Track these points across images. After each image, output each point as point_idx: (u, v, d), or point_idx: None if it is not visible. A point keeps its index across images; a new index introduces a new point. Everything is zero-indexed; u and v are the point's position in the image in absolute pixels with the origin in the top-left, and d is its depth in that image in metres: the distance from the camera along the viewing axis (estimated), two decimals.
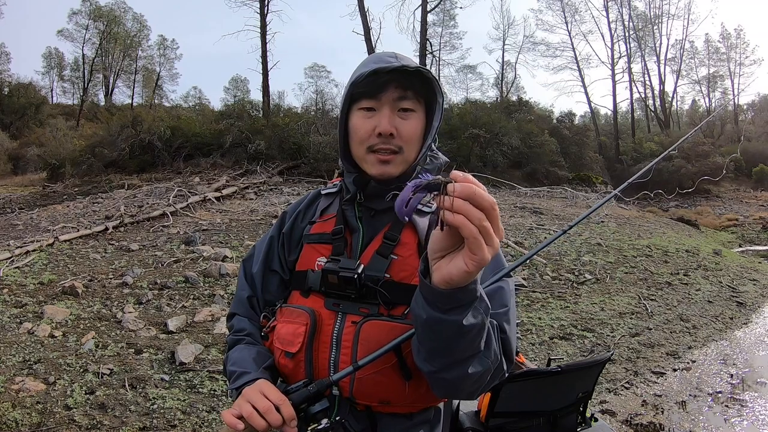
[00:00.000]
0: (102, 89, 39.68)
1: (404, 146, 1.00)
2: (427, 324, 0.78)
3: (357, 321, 0.96)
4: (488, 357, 0.84)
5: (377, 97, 0.98)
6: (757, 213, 17.94)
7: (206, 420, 2.91)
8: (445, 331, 0.77)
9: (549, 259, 7.13)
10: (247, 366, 1.01)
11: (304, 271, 1.05)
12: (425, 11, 23.29)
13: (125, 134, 15.86)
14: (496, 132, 18.21)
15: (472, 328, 0.77)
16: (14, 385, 3.05)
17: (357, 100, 1.01)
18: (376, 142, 0.99)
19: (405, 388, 0.95)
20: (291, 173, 14.65)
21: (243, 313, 1.14)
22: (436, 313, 0.76)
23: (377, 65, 0.97)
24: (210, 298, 4.94)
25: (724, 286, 6.73)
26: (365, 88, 0.98)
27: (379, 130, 0.97)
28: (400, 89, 0.98)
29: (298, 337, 0.99)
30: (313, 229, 1.08)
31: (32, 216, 10.03)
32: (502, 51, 37.14)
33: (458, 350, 0.80)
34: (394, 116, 0.99)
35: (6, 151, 24.55)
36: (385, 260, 0.98)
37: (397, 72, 0.97)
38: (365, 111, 1.00)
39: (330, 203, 1.12)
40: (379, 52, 1.07)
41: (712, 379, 3.98)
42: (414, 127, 1.00)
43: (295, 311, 1.03)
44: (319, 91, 39.51)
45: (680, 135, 28.81)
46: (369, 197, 1.04)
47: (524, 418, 1.90)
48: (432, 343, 0.81)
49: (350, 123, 1.03)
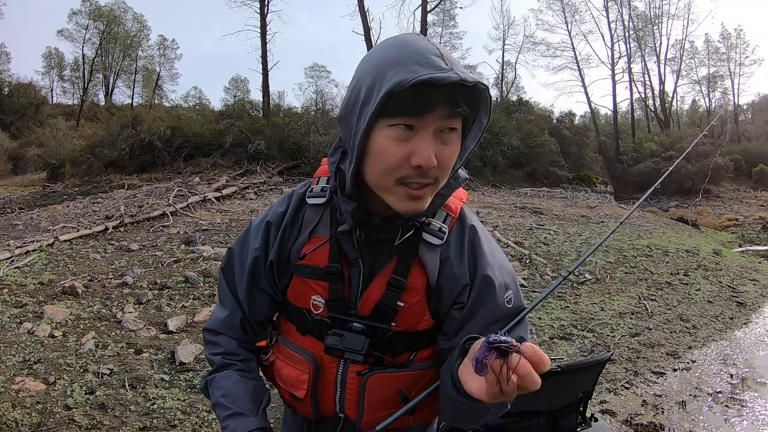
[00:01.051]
0: (102, 89, 39.69)
1: (441, 176, 0.80)
2: (450, 398, 0.79)
3: (361, 372, 0.91)
4: (501, 410, 0.85)
5: (421, 117, 0.74)
6: (757, 213, 17.93)
7: (206, 420, 2.91)
8: (464, 406, 0.78)
9: (549, 259, 7.13)
10: (244, 406, 0.92)
11: (299, 308, 0.95)
12: (425, 11, 23.28)
13: (125, 134, 15.83)
14: (496, 132, 18.19)
15: (488, 407, 0.79)
16: (14, 385, 3.05)
17: (389, 114, 0.75)
18: (410, 174, 0.77)
19: (410, 420, 0.96)
20: (291, 173, 14.64)
21: (233, 335, 1.00)
22: (457, 395, 0.76)
23: (427, 73, 0.71)
24: (210, 298, 4.94)
25: (724, 286, 6.73)
26: (406, 104, 0.73)
27: (420, 162, 0.75)
28: (449, 107, 0.75)
29: (303, 383, 0.95)
30: (304, 260, 0.92)
31: (32, 216, 10.02)
32: (502, 51, 37.26)
33: (473, 417, 0.83)
34: (436, 141, 0.76)
35: (6, 151, 24.54)
36: (391, 310, 0.89)
37: (452, 85, 0.73)
38: (400, 129, 0.75)
39: (319, 219, 0.93)
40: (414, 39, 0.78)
41: (712, 379, 3.98)
42: (454, 153, 0.81)
43: (295, 356, 0.96)
44: (319, 91, 39.61)
45: (680, 135, 28.81)
46: (369, 230, 0.88)
47: (524, 418, 1.91)
48: (452, 410, 0.83)
49: (373, 141, 0.77)
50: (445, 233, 0.90)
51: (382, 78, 0.73)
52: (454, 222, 0.92)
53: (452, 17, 33.61)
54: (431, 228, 0.90)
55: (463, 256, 0.91)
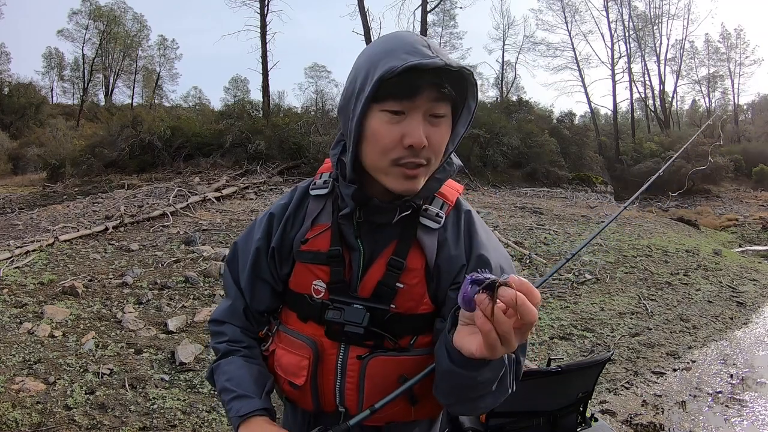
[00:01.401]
0: (102, 89, 39.72)
1: (433, 157, 0.87)
2: (446, 372, 0.80)
3: (362, 355, 0.92)
4: (501, 392, 0.85)
5: (411, 100, 0.81)
6: (757, 213, 17.95)
7: (206, 420, 2.91)
8: (461, 380, 0.79)
9: (549, 259, 7.14)
10: (248, 389, 0.94)
11: (301, 294, 0.97)
12: (425, 11, 23.29)
13: (125, 134, 15.84)
14: (496, 132, 18.22)
15: (487, 381, 0.79)
16: (14, 385, 3.05)
17: (382, 99, 0.82)
18: (404, 154, 0.83)
19: (411, 412, 0.96)
20: (291, 173, 14.64)
21: (238, 323, 1.04)
22: (453, 366, 0.77)
23: (414, 59, 0.78)
24: (210, 298, 4.95)
25: (724, 286, 6.73)
26: (396, 89, 0.80)
27: (411, 141, 0.82)
28: (436, 91, 0.82)
29: (302, 370, 0.95)
30: (306, 245, 0.96)
31: (32, 216, 10.02)
32: (502, 51, 37.18)
33: (471, 394, 0.82)
34: (426, 123, 0.83)
35: (6, 151, 24.56)
36: (391, 291, 0.91)
37: (437, 70, 0.81)
38: (392, 114, 0.82)
39: (321, 208, 0.98)
40: (404, 34, 0.86)
41: (712, 379, 3.98)
42: (444, 136, 0.87)
43: (295, 341, 0.97)
44: (319, 91, 39.64)
45: (680, 135, 28.82)
46: (369, 212, 0.92)
47: (524, 418, 1.91)
48: (448, 386, 0.83)
49: (368, 126, 0.84)
50: (442, 218, 0.95)
51: (375, 67, 0.81)
52: (450, 209, 0.97)
53: (452, 17, 33.64)
54: (429, 213, 0.94)
55: (460, 238, 0.94)
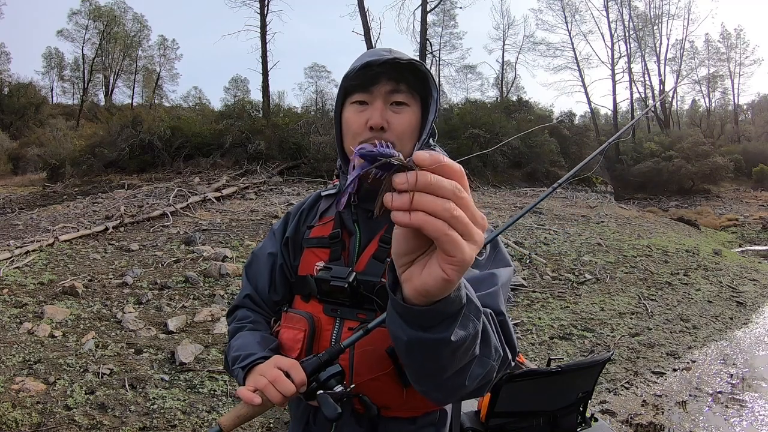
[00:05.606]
0: (102, 89, 39.66)
1: (397, 141, 0.97)
2: (410, 346, 0.64)
3: (354, 327, 0.95)
4: (488, 356, 0.74)
5: (369, 90, 0.98)
6: (757, 213, 17.97)
7: (206, 420, 2.91)
8: (431, 350, 0.63)
9: (549, 259, 7.14)
10: (253, 348, 1.00)
11: (305, 276, 1.04)
12: (425, 11, 23.27)
13: (125, 134, 15.84)
14: (496, 132, 18.21)
15: (463, 342, 0.64)
16: (14, 385, 3.05)
17: (350, 94, 1.00)
18: (369, 136, 0.96)
19: (403, 395, 0.94)
20: (291, 173, 14.63)
21: (249, 306, 1.15)
22: (417, 332, 0.61)
23: (370, 58, 0.97)
24: (210, 298, 4.94)
25: (724, 286, 6.73)
26: (357, 81, 0.98)
27: (371, 123, 0.95)
28: (392, 82, 0.97)
29: (297, 342, 0.99)
30: (313, 232, 1.08)
31: (32, 216, 10.03)
32: (502, 51, 37.11)
33: (451, 367, 0.68)
34: (387, 110, 0.97)
35: (6, 151, 24.53)
36: (382, 264, 0.97)
37: (389, 65, 0.96)
38: (358, 105, 0.99)
39: (330, 205, 1.11)
40: (375, 48, 1.07)
41: (712, 379, 3.98)
42: (407, 122, 0.98)
43: (295, 317, 1.03)
44: (319, 91, 39.57)
45: (680, 135, 28.79)
46: (365, 199, 1.03)
47: (524, 418, 1.91)
48: (419, 366, 0.69)
49: (343, 117, 1.02)
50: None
51: (348, 71, 1.00)
52: None
53: (452, 17, 33.60)
54: None
55: None
